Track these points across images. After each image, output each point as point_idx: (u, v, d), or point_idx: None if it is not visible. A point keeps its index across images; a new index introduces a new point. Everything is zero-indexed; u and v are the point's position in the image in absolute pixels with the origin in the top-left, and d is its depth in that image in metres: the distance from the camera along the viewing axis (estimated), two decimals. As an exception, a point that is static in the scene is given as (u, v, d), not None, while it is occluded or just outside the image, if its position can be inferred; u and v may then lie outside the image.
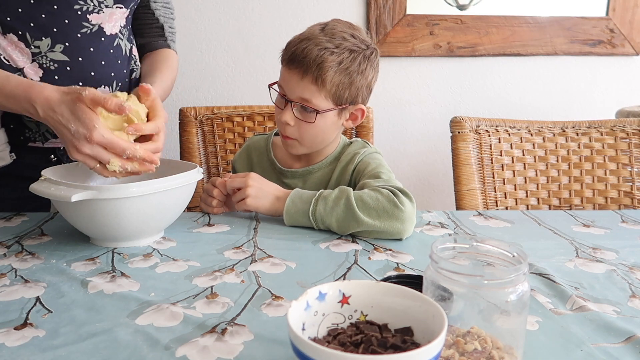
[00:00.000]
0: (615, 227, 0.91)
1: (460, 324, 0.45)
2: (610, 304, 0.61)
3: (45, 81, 0.90)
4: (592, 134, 1.27)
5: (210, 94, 1.79)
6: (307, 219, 0.85)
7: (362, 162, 0.99)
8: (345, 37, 0.92)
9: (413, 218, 0.82)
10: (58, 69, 0.92)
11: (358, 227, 0.82)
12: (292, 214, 0.86)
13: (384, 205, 0.81)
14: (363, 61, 0.93)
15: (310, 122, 0.93)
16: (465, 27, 1.80)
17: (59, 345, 0.52)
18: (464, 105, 1.89)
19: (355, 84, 0.93)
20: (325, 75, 0.89)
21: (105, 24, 0.96)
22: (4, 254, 0.76)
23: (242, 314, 0.58)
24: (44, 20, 0.89)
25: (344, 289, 0.46)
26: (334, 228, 0.84)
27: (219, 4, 1.73)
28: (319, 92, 0.91)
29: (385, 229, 0.81)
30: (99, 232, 0.78)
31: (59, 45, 0.91)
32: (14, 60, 0.90)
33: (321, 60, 0.89)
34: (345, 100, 0.94)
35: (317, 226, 0.85)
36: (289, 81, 0.93)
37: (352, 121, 1.01)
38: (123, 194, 0.72)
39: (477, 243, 0.49)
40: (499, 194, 1.24)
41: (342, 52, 0.90)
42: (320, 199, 0.85)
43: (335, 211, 0.83)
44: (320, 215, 0.84)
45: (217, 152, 1.42)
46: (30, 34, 0.89)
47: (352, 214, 0.81)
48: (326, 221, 0.84)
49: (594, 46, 1.85)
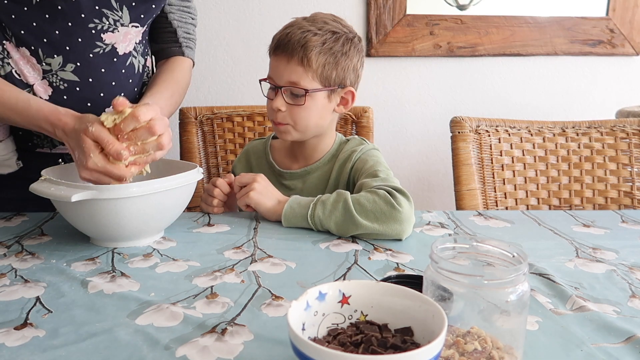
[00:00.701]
0: (615, 227, 0.91)
1: (460, 324, 0.45)
2: (610, 304, 0.61)
3: (53, 99, 0.90)
4: (592, 134, 1.27)
5: (210, 94, 1.79)
6: (306, 222, 0.85)
7: (359, 159, 0.99)
8: (327, 22, 0.97)
9: (411, 218, 0.82)
10: (67, 89, 0.91)
11: (357, 230, 0.82)
12: (290, 218, 0.87)
13: (382, 207, 0.81)
14: (346, 43, 0.96)
15: (300, 104, 0.95)
16: (465, 27, 1.80)
17: (59, 345, 0.52)
18: (464, 105, 1.89)
19: (341, 64, 0.96)
20: (310, 55, 0.92)
21: (119, 44, 0.94)
22: (4, 254, 0.76)
23: (242, 314, 0.58)
24: (57, 37, 0.88)
25: (344, 289, 0.46)
26: (333, 231, 0.84)
27: (219, 4, 1.73)
28: (306, 72, 0.94)
29: (384, 231, 0.81)
30: (99, 232, 0.78)
31: (70, 65, 0.90)
32: (24, 76, 0.89)
33: (305, 41, 0.92)
34: (334, 82, 0.96)
35: (316, 228, 0.85)
36: (276, 68, 0.96)
37: (344, 106, 1.02)
38: (123, 194, 0.72)
39: (477, 243, 0.49)
40: (499, 194, 1.24)
41: (324, 33, 0.94)
42: (319, 203, 0.85)
43: (334, 215, 0.83)
44: (319, 218, 0.84)
45: (217, 152, 1.41)
46: (42, 50, 0.88)
47: (351, 218, 0.82)
48: (325, 225, 0.84)
49: (594, 46, 1.85)
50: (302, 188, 1.04)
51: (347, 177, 1.00)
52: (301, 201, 0.88)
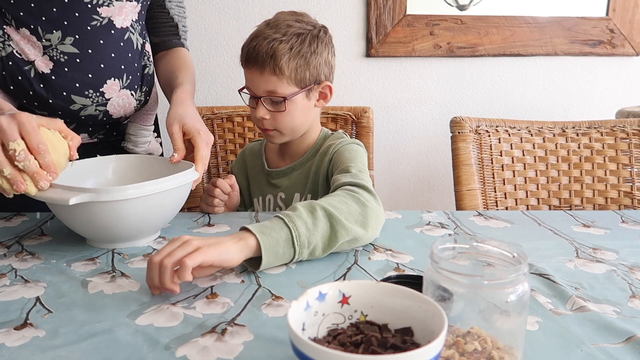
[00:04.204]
0: (615, 228, 0.91)
1: (460, 324, 0.45)
2: (610, 304, 0.61)
3: (55, 73, 0.93)
4: (592, 134, 1.27)
5: (210, 94, 1.79)
6: (290, 246, 0.69)
7: (336, 152, 0.98)
8: (290, 24, 0.96)
9: (379, 216, 0.78)
10: (68, 61, 0.94)
11: (347, 235, 0.72)
12: (270, 248, 0.67)
13: (353, 209, 0.75)
14: (312, 41, 0.96)
15: (281, 110, 0.96)
16: (465, 27, 1.80)
17: (59, 345, 0.52)
18: (464, 106, 1.89)
19: (312, 63, 0.96)
20: (280, 63, 0.92)
21: (116, 17, 0.97)
22: (4, 254, 0.76)
23: (242, 314, 0.58)
24: (55, 14, 0.91)
25: (344, 289, 0.46)
26: (319, 248, 0.71)
27: (219, 4, 1.73)
28: (280, 80, 0.94)
29: (362, 236, 0.74)
30: (97, 234, 0.78)
31: (69, 38, 0.93)
32: (25, 54, 0.92)
33: (272, 51, 0.92)
34: (309, 81, 0.97)
35: (300, 253, 0.70)
36: (252, 80, 0.97)
37: (323, 100, 1.02)
38: (121, 196, 0.72)
39: (477, 243, 0.49)
40: (499, 194, 1.24)
41: (290, 38, 0.94)
42: (295, 217, 0.70)
43: (319, 226, 0.70)
44: (305, 238, 0.69)
45: (217, 152, 1.41)
46: (41, 28, 0.91)
47: (338, 223, 0.71)
48: (312, 241, 0.70)
49: (594, 46, 1.85)
50: (288, 185, 1.05)
51: (326, 171, 0.99)
52: (265, 225, 0.69)
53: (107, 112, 1.01)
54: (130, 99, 1.03)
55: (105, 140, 1.10)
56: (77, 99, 0.96)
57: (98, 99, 0.98)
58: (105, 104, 0.99)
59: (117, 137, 1.13)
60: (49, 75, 0.93)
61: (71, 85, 0.95)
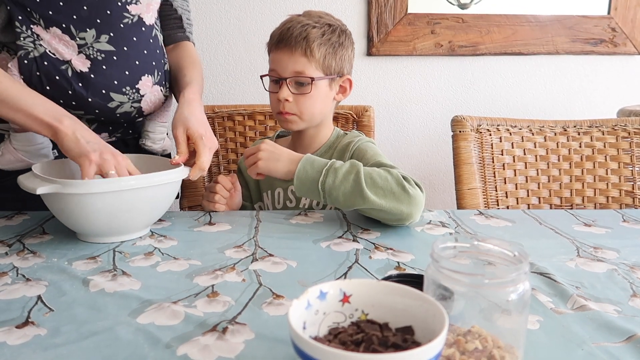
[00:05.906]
0: (616, 227, 0.91)
1: (461, 323, 0.45)
2: (611, 303, 0.61)
3: (93, 71, 0.93)
4: (593, 133, 1.27)
5: (211, 93, 1.79)
6: (316, 188, 0.87)
7: (357, 149, 1.02)
8: (321, 16, 1.03)
9: (420, 204, 0.84)
10: (105, 59, 0.94)
11: (364, 204, 0.83)
12: (302, 179, 0.88)
13: (392, 186, 0.83)
14: (341, 34, 1.03)
15: (306, 93, 0.99)
16: (466, 26, 1.79)
17: (60, 343, 0.52)
18: (465, 104, 1.89)
19: (339, 54, 1.02)
20: (312, 46, 0.98)
21: (144, 15, 0.98)
22: (5, 252, 0.76)
23: (243, 312, 0.58)
24: (86, 12, 0.91)
25: (345, 288, 0.46)
26: (340, 202, 0.86)
27: (219, 3, 1.73)
28: (310, 62, 0.99)
29: (390, 209, 0.82)
30: (76, 226, 0.80)
31: (104, 36, 0.93)
32: (60, 54, 0.91)
33: (306, 33, 0.98)
34: (334, 71, 1.02)
35: (323, 198, 0.87)
36: (280, 61, 1.00)
37: (342, 94, 1.07)
38: (85, 190, 0.74)
39: (478, 242, 0.49)
40: (500, 193, 1.24)
41: (322, 26, 1.00)
42: (331, 170, 0.87)
43: (344, 185, 0.85)
44: (329, 186, 0.86)
45: (218, 151, 1.41)
46: (74, 27, 0.91)
47: (360, 191, 0.83)
48: (333, 194, 0.85)
49: (596, 45, 1.85)
50: None
51: None
52: (314, 162, 0.89)
53: (140, 109, 1.02)
54: (160, 95, 1.04)
55: (121, 139, 1.10)
56: (115, 96, 0.96)
57: (134, 96, 0.98)
58: (140, 100, 1.00)
59: (134, 135, 1.13)
60: (87, 74, 0.93)
61: (109, 83, 0.95)
